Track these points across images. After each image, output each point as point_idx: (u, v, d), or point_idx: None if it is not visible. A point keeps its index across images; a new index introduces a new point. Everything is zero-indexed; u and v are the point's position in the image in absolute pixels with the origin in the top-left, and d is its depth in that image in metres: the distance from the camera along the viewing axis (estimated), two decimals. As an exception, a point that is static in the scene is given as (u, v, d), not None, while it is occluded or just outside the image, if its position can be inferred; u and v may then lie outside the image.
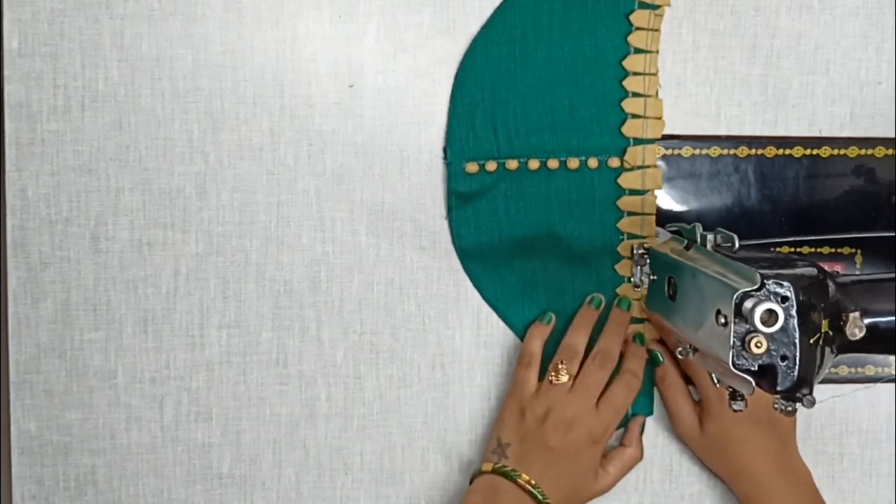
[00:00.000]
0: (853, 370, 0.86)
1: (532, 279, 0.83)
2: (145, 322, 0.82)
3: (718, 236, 0.73)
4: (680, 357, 0.80)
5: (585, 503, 0.81)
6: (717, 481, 0.87)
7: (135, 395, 0.83)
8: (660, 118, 0.82)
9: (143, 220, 0.82)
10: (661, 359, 0.83)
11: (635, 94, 0.82)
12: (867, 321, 0.67)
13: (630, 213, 0.83)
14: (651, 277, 0.80)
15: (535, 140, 0.82)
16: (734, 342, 0.64)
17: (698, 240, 0.74)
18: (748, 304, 0.63)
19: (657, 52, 0.83)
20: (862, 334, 0.66)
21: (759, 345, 0.63)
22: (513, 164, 0.82)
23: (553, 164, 0.82)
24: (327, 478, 0.85)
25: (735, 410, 0.75)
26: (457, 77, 0.82)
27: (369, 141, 0.83)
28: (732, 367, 0.65)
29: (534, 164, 0.82)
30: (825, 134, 0.85)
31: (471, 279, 0.84)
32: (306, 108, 0.82)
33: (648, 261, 0.81)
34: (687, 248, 0.76)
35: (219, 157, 0.82)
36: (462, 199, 0.82)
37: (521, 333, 0.84)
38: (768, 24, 0.84)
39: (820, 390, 0.67)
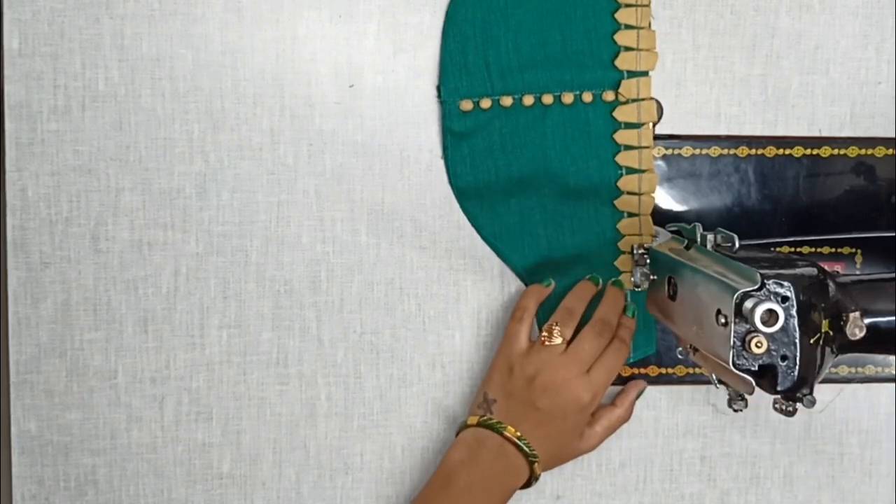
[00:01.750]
0: (853, 370, 0.86)
1: (530, 217, 0.83)
2: (145, 322, 0.82)
3: (718, 236, 0.73)
4: (680, 357, 0.80)
5: (570, 459, 0.81)
6: (718, 481, 0.87)
7: (135, 395, 0.83)
8: (653, 50, 0.82)
9: (143, 220, 0.82)
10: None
11: (627, 27, 0.82)
12: (867, 321, 0.67)
13: (627, 147, 0.82)
14: (651, 277, 0.80)
15: (529, 76, 0.81)
16: (734, 342, 0.64)
17: (698, 240, 0.74)
18: (748, 304, 0.63)
19: None
20: (862, 334, 0.66)
21: (759, 345, 0.63)
22: (507, 101, 0.81)
23: (547, 99, 0.81)
24: (327, 478, 0.85)
25: (735, 410, 0.75)
26: (447, 14, 0.81)
27: (369, 141, 0.83)
28: (732, 367, 0.65)
29: (528, 100, 0.81)
30: (825, 134, 0.85)
31: (469, 219, 0.83)
32: (306, 108, 0.82)
33: (648, 261, 0.81)
34: (687, 248, 0.76)
35: (219, 157, 0.82)
36: (457, 137, 0.82)
37: (520, 272, 0.84)
38: (768, 23, 0.84)
39: (821, 391, 0.68)
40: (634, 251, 0.82)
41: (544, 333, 0.79)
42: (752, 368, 0.65)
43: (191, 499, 0.84)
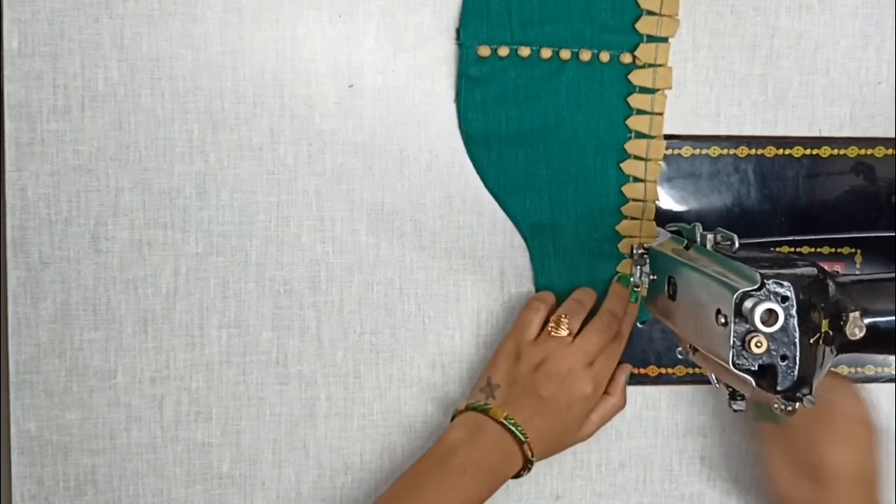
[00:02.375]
0: (853, 370, 0.86)
1: (535, 171, 0.83)
2: (145, 322, 0.82)
3: (718, 236, 0.73)
4: (680, 357, 0.80)
5: (566, 448, 0.81)
6: (717, 481, 0.87)
7: (135, 395, 0.83)
8: (675, 17, 0.82)
9: (143, 220, 0.82)
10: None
11: None
12: (867, 321, 0.67)
13: (639, 112, 0.82)
14: (651, 277, 0.80)
15: (549, 29, 0.81)
16: (734, 342, 0.64)
17: (698, 240, 0.74)
18: (748, 303, 0.63)
19: None
20: (862, 334, 0.66)
21: (759, 344, 0.63)
22: (525, 52, 0.81)
23: (565, 54, 0.81)
24: (327, 478, 0.85)
25: (735, 410, 0.75)
26: None
27: (369, 141, 0.83)
28: (732, 367, 0.65)
29: (546, 52, 0.81)
30: (825, 134, 0.85)
31: (475, 166, 0.83)
32: (306, 108, 0.82)
33: (648, 261, 0.81)
34: (687, 247, 0.76)
35: (219, 157, 0.82)
36: (472, 82, 0.82)
37: (522, 226, 0.84)
38: (768, 23, 0.84)
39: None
40: (634, 251, 0.82)
41: (552, 324, 0.79)
42: (752, 368, 0.65)
43: (190, 499, 0.84)
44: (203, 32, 0.81)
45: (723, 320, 0.65)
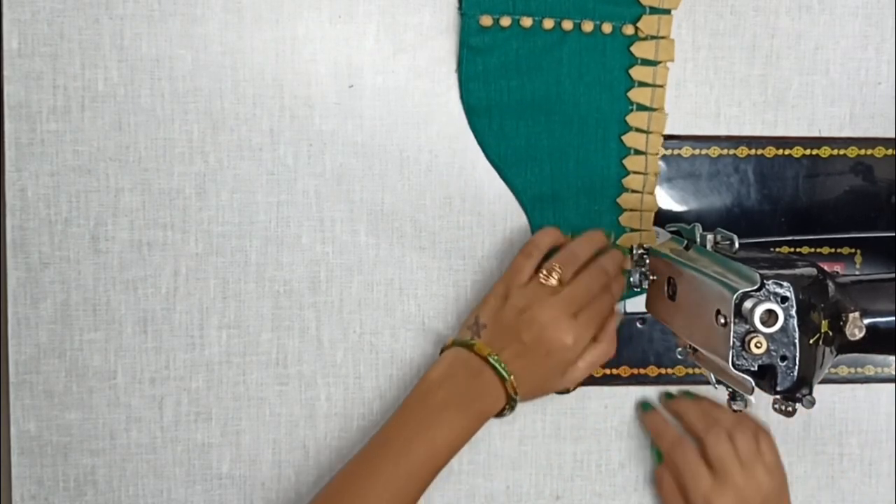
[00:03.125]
0: (853, 370, 0.86)
1: (536, 142, 0.83)
2: (145, 322, 0.82)
3: (718, 236, 0.73)
4: (680, 357, 0.80)
5: (549, 393, 0.81)
6: (717, 481, 0.87)
7: (135, 395, 0.83)
8: None
9: (142, 220, 0.82)
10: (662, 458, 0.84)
11: None
12: (867, 321, 0.67)
13: (641, 84, 0.82)
14: (651, 277, 0.80)
15: None
16: (734, 342, 0.64)
17: (698, 240, 0.74)
18: (748, 304, 0.63)
19: None
20: (862, 334, 0.66)
21: (758, 345, 0.63)
22: (527, 22, 0.81)
23: (567, 25, 0.81)
24: (327, 478, 0.85)
25: (735, 410, 0.75)
26: None
27: (369, 141, 0.83)
28: (732, 368, 0.65)
29: (548, 23, 0.81)
30: (825, 134, 0.85)
31: (476, 137, 0.83)
32: (306, 108, 0.82)
33: (648, 261, 0.81)
34: (686, 248, 0.76)
35: (218, 158, 0.82)
36: (473, 52, 0.82)
37: (521, 196, 0.84)
38: (768, 24, 0.84)
39: (819, 390, 0.67)
40: (634, 251, 0.82)
41: (543, 272, 0.79)
42: (752, 369, 0.65)
43: (190, 499, 0.84)
44: (203, 33, 0.81)
45: (722, 321, 0.65)
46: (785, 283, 0.64)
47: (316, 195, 0.83)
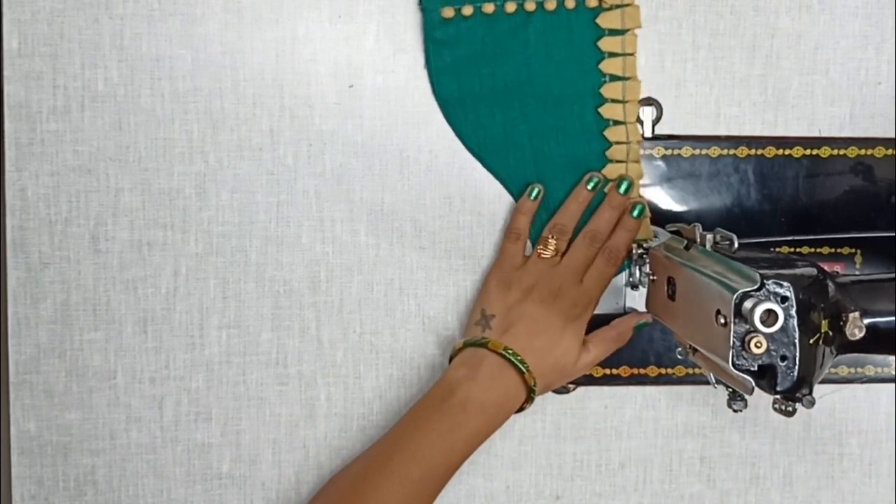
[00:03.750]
0: (853, 370, 0.86)
1: (514, 127, 0.82)
2: (145, 322, 0.82)
3: (718, 236, 0.73)
4: (680, 357, 0.80)
5: (566, 379, 0.81)
6: (717, 481, 0.87)
7: (134, 395, 0.83)
8: None
9: (142, 220, 0.82)
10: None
11: None
12: (867, 321, 0.67)
13: (611, 54, 0.82)
14: (651, 277, 0.80)
15: None
16: (734, 342, 0.64)
17: (698, 240, 0.74)
18: (748, 304, 0.63)
19: None
20: (862, 334, 0.66)
21: (758, 345, 0.63)
22: (489, 8, 0.80)
23: (530, 6, 0.81)
24: (327, 478, 0.85)
25: (735, 410, 0.75)
26: None
27: (369, 141, 0.83)
28: (732, 367, 0.65)
29: (510, 6, 0.80)
30: (825, 134, 0.85)
31: (453, 129, 0.83)
32: (306, 108, 0.82)
33: (648, 261, 0.81)
34: (686, 248, 0.76)
35: (219, 157, 0.82)
36: (439, 45, 0.81)
37: (506, 181, 0.83)
38: (768, 24, 0.84)
39: (819, 389, 0.68)
40: (634, 251, 0.82)
41: (539, 246, 0.80)
42: (752, 368, 0.65)
43: (190, 499, 0.84)
44: (203, 32, 0.81)
45: (722, 321, 0.65)
46: (785, 283, 0.64)
47: (316, 195, 0.83)
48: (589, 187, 0.82)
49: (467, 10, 0.81)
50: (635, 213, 0.81)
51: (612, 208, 0.81)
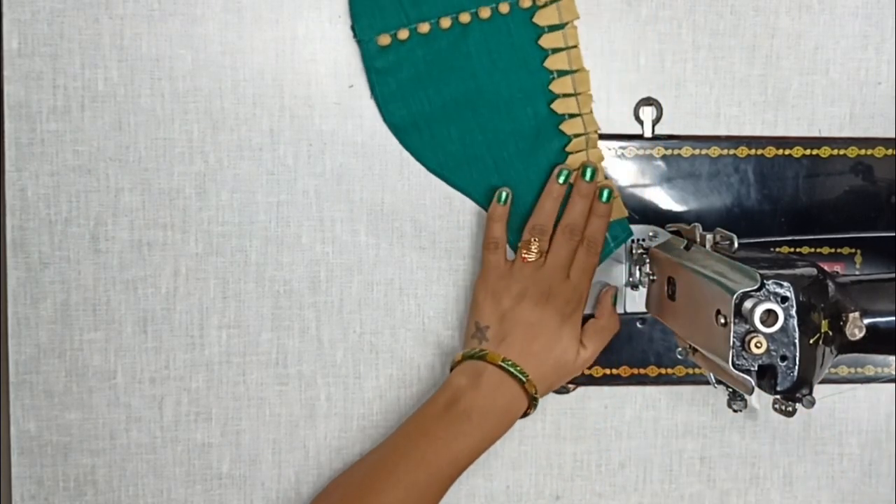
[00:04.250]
0: (853, 370, 0.86)
1: (472, 140, 0.82)
2: (145, 322, 0.82)
3: (718, 236, 0.73)
4: (680, 357, 0.80)
5: (568, 378, 0.81)
6: (717, 481, 0.87)
7: (134, 395, 0.83)
8: None
9: (142, 220, 0.82)
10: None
11: None
12: (867, 321, 0.67)
13: (555, 50, 0.82)
14: (651, 277, 0.80)
15: None
16: (734, 342, 0.64)
17: (698, 240, 0.74)
18: (748, 304, 0.63)
19: None
20: (862, 334, 0.66)
21: (758, 345, 0.63)
22: (424, 28, 0.80)
23: (465, 18, 0.80)
24: (327, 478, 0.85)
25: (735, 410, 0.75)
26: None
27: (369, 141, 0.83)
28: (732, 368, 0.65)
29: (445, 22, 0.80)
30: (825, 134, 0.85)
31: (411, 153, 0.83)
32: (306, 108, 0.82)
33: (648, 261, 0.81)
34: (686, 248, 0.76)
35: (219, 157, 0.82)
36: (382, 73, 0.81)
37: (474, 195, 0.83)
38: (768, 24, 0.84)
39: (819, 390, 0.68)
40: (634, 251, 0.82)
41: (522, 250, 0.80)
42: (752, 368, 0.65)
43: (190, 499, 0.84)
44: (203, 32, 0.81)
45: (722, 321, 0.65)
46: (785, 283, 0.64)
47: (316, 195, 0.83)
48: (560, 181, 0.81)
49: (403, 34, 0.81)
50: (604, 197, 0.81)
51: (582, 197, 0.81)
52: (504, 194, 0.82)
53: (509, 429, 0.77)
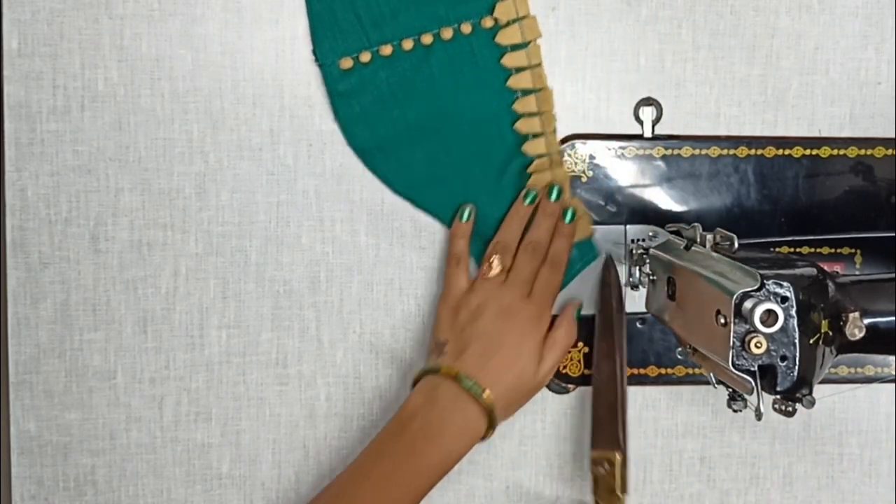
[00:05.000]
0: (853, 370, 0.86)
1: (437, 161, 0.82)
2: (145, 322, 0.82)
3: (718, 236, 0.73)
4: (680, 357, 0.79)
5: (529, 396, 0.79)
6: (717, 481, 0.87)
7: (134, 395, 0.83)
8: None
9: (142, 220, 0.82)
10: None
11: None
12: (867, 321, 0.67)
13: (518, 69, 0.81)
14: (651, 277, 0.80)
15: (403, 19, 0.80)
16: (734, 342, 0.64)
17: (698, 240, 0.74)
18: (748, 304, 0.63)
19: None
20: (861, 334, 0.66)
21: (758, 345, 0.63)
22: (387, 50, 0.80)
23: (427, 39, 0.80)
24: (327, 478, 0.85)
25: (735, 410, 0.75)
26: None
27: (369, 141, 0.83)
28: (732, 368, 0.65)
29: (407, 44, 0.80)
30: (825, 134, 0.85)
31: (377, 176, 0.83)
32: (306, 108, 0.82)
33: (648, 261, 0.81)
34: (686, 248, 0.76)
35: (218, 157, 0.82)
36: (344, 97, 0.81)
37: (441, 216, 0.83)
38: (768, 24, 0.84)
39: (819, 390, 0.67)
40: (634, 251, 0.82)
41: (484, 266, 0.80)
42: (752, 368, 0.65)
43: (190, 499, 0.84)
44: (203, 32, 0.81)
45: (722, 321, 0.65)
46: (785, 283, 0.64)
47: (316, 195, 0.83)
48: (527, 202, 0.81)
49: (365, 57, 0.80)
50: (567, 218, 0.81)
51: (546, 216, 0.81)
52: (467, 211, 0.81)
53: (471, 446, 0.75)
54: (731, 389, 0.74)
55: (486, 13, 0.81)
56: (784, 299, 0.64)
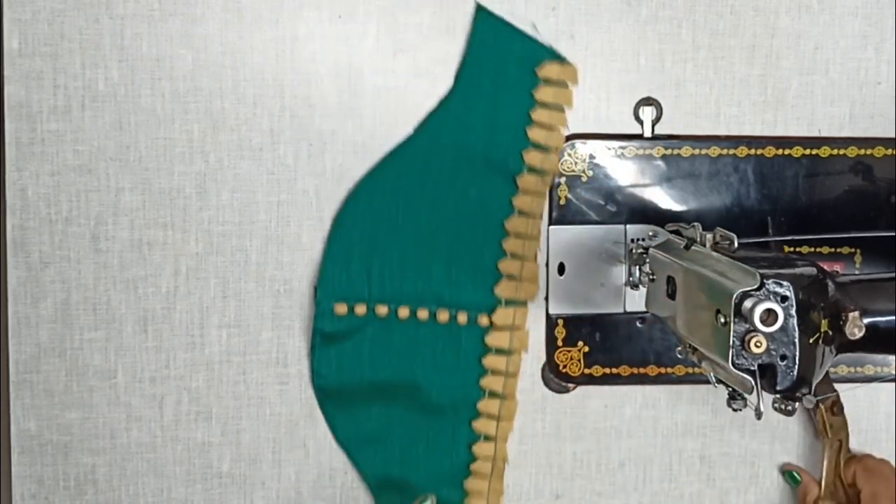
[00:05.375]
0: (853, 370, 0.86)
1: (388, 426, 0.83)
2: (145, 322, 0.83)
3: (718, 236, 0.73)
4: (680, 356, 0.79)
5: None
6: (717, 481, 0.87)
7: (135, 394, 0.83)
8: (535, 282, 0.82)
9: (143, 219, 0.82)
10: (798, 478, 0.84)
11: (514, 256, 0.82)
12: (867, 321, 0.67)
13: (494, 373, 0.83)
14: (651, 277, 0.80)
15: (408, 288, 0.81)
16: (734, 342, 0.64)
17: (697, 239, 0.74)
18: (748, 303, 0.63)
19: (540, 216, 0.82)
20: (861, 334, 0.66)
21: (758, 344, 0.63)
22: (382, 310, 0.81)
23: (423, 314, 0.82)
24: (327, 477, 0.85)
25: (735, 410, 0.75)
26: (336, 218, 0.82)
27: (369, 141, 0.83)
28: (732, 367, 0.65)
29: (404, 311, 0.81)
30: (824, 134, 0.85)
31: (325, 418, 0.83)
32: (306, 108, 0.82)
33: (648, 260, 0.81)
34: (686, 247, 0.76)
35: (219, 157, 0.82)
36: (327, 338, 0.82)
37: (369, 478, 0.83)
38: (768, 24, 0.84)
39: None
40: (634, 251, 0.82)
41: None
42: (752, 368, 0.65)
43: (190, 498, 0.84)
44: (203, 32, 0.81)
45: (722, 320, 0.65)
46: (785, 283, 0.64)
47: (316, 195, 0.83)
48: None
49: (360, 310, 0.81)
50: None
51: None
52: (430, 500, 0.81)
53: None
54: (730, 388, 0.74)
55: (485, 311, 0.82)
56: (784, 298, 0.64)
